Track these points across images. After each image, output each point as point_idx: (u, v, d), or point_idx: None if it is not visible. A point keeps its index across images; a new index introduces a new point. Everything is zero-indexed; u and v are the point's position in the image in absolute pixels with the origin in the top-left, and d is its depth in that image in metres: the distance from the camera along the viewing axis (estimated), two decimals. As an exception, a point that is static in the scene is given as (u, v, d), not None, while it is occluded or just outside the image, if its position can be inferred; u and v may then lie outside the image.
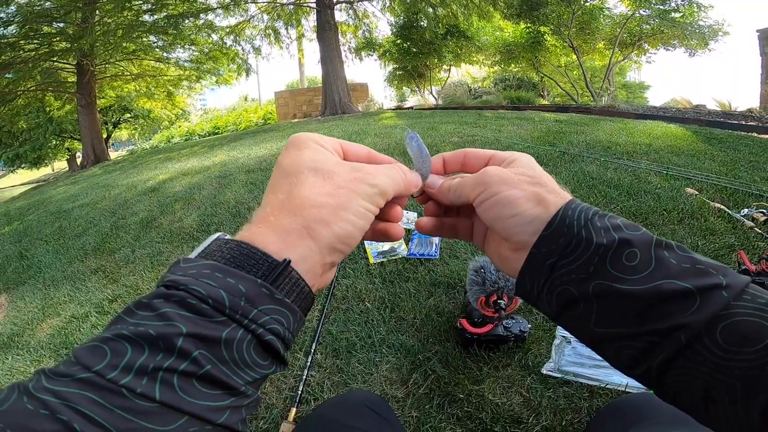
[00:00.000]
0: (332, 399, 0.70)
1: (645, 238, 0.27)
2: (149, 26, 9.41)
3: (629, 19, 8.37)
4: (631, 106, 7.24)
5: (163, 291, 0.23)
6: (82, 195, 4.58)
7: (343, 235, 0.28)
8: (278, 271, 0.25)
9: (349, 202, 0.29)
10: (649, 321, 0.25)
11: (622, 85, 15.17)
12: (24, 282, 2.59)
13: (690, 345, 0.24)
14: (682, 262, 0.26)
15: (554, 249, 0.29)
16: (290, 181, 0.29)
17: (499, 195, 0.32)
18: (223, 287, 0.23)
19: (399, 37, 11.22)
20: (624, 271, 0.26)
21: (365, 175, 0.31)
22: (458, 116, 5.75)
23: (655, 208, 2.00)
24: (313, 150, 0.31)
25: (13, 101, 10.75)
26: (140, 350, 0.21)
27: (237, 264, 0.25)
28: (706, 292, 0.24)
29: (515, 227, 0.31)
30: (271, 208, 0.29)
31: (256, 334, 0.24)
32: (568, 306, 0.29)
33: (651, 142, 3.29)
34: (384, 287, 1.60)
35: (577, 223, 0.28)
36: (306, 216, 0.28)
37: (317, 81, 15.89)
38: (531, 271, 0.30)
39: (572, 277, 0.28)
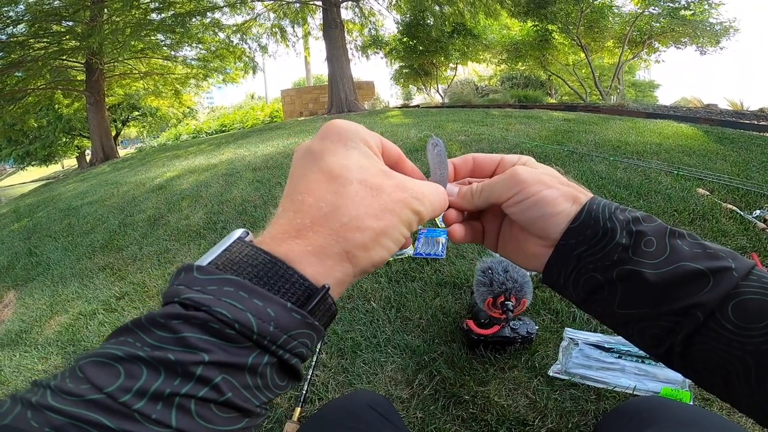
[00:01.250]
0: (336, 399, 0.69)
1: (660, 227, 0.30)
2: (157, 24, 9.48)
3: (638, 17, 8.27)
4: (641, 105, 7.16)
5: (181, 312, 0.21)
6: (90, 192, 4.63)
7: (378, 260, 0.28)
8: (317, 299, 0.24)
9: (391, 228, 0.28)
10: (669, 301, 0.27)
11: (631, 83, 15.01)
12: (33, 279, 2.62)
13: (706, 322, 0.26)
14: (693, 248, 0.29)
15: (582, 240, 0.31)
16: (336, 189, 0.26)
17: (538, 195, 0.32)
18: (251, 310, 0.22)
19: (405, 35, 11.20)
20: (644, 256, 0.28)
21: (412, 198, 0.29)
22: (465, 114, 5.72)
23: (665, 209, 1.97)
24: (362, 153, 0.29)
25: (23, 99, 10.89)
26: (156, 374, 0.20)
27: (265, 282, 0.23)
28: (718, 273, 0.27)
29: (557, 225, 0.32)
30: (311, 220, 0.26)
31: (283, 359, 0.23)
32: (594, 291, 0.31)
33: (661, 142, 3.25)
34: (390, 287, 1.59)
35: (603, 216, 0.30)
36: (349, 239, 0.26)
37: (323, 79, 15.92)
38: (559, 262, 0.32)
39: (598, 264, 0.30)
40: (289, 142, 5.00)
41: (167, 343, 0.20)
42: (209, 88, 14.80)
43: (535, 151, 3.04)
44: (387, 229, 0.27)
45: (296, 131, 6.01)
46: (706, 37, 7.98)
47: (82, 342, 1.74)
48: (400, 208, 0.28)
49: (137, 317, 0.22)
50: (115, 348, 0.20)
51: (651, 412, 0.59)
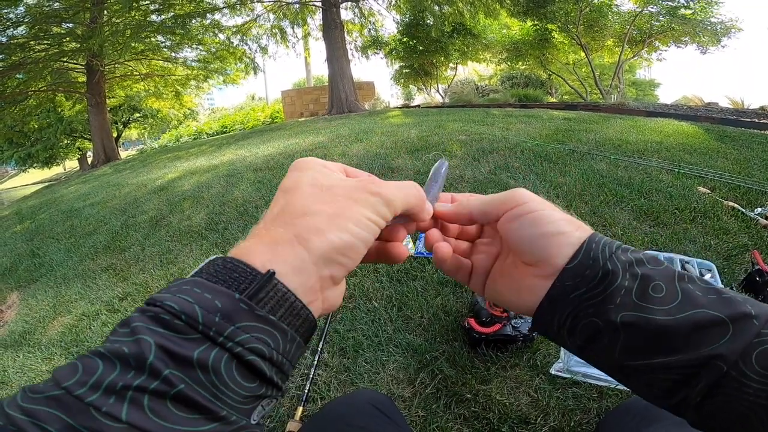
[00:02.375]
0: (339, 398, 0.70)
1: (668, 271, 0.28)
2: (157, 26, 9.48)
3: (638, 16, 8.25)
4: (642, 104, 7.15)
5: (142, 308, 0.22)
6: (92, 194, 4.64)
7: (340, 245, 0.26)
8: (259, 284, 0.23)
9: (349, 210, 0.28)
10: (684, 351, 0.25)
11: (631, 82, 14.98)
12: (36, 280, 2.63)
13: (728, 373, 0.24)
14: (707, 294, 0.26)
15: (580, 282, 0.28)
16: (287, 195, 0.28)
17: (540, 212, 0.31)
18: (199, 302, 0.22)
19: (405, 35, 11.19)
20: (652, 302, 0.26)
21: (369, 183, 0.30)
22: (465, 114, 5.72)
23: (666, 207, 1.97)
24: (316, 170, 0.30)
25: (24, 101, 10.91)
26: (112, 367, 0.20)
27: (219, 279, 0.24)
28: (738, 321, 0.25)
29: (557, 247, 0.29)
30: (264, 222, 0.28)
31: (234, 353, 0.22)
32: (593, 338, 0.28)
33: (662, 140, 3.24)
34: (391, 286, 1.60)
35: (602, 255, 0.28)
36: (298, 224, 0.26)
37: (324, 80, 15.92)
38: (554, 305, 0.29)
39: (599, 309, 0.27)
40: (290, 142, 4.99)
41: (123, 337, 0.21)
42: (210, 89, 14.84)
43: (536, 150, 3.04)
44: (342, 210, 0.27)
45: (297, 132, 6.01)
46: (707, 37, 7.95)
47: (85, 342, 1.74)
48: (357, 193, 0.29)
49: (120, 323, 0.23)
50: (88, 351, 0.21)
51: (654, 409, 0.59)
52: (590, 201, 2.11)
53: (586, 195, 2.19)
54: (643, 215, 1.94)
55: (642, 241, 1.72)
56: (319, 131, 5.54)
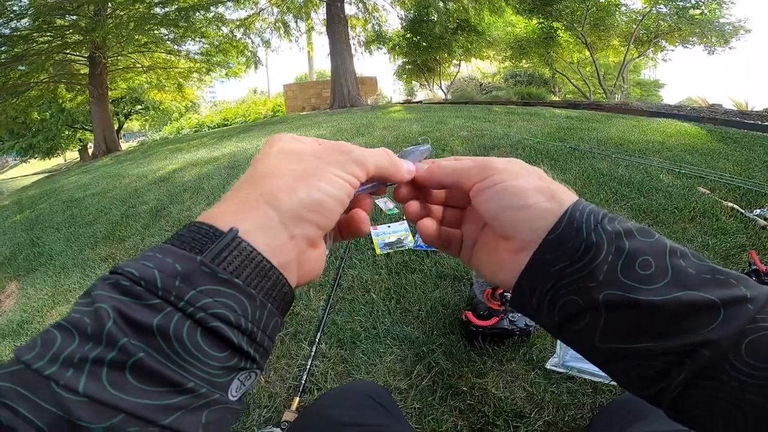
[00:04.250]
0: (335, 389, 0.70)
1: (659, 244, 0.25)
2: (160, 19, 9.45)
3: (646, 16, 8.20)
4: (645, 104, 7.12)
5: (104, 275, 0.21)
6: (93, 184, 4.64)
7: (309, 201, 0.25)
8: (221, 243, 0.22)
9: (318, 169, 0.27)
10: (667, 337, 0.23)
11: (636, 83, 14.91)
12: (35, 269, 2.63)
13: (715, 363, 0.22)
14: (701, 272, 0.24)
15: (561, 255, 0.26)
16: (255, 163, 0.28)
17: (506, 182, 0.29)
18: (158, 267, 0.21)
19: (409, 31, 11.18)
20: (639, 281, 0.24)
21: (339, 144, 0.29)
22: (467, 111, 5.71)
23: (666, 206, 1.97)
24: (288, 141, 0.30)
25: (26, 93, 10.89)
26: (70, 339, 0.19)
27: (184, 243, 0.22)
28: (731, 305, 0.22)
29: (524, 222, 0.28)
30: (234, 189, 0.26)
31: (196, 318, 0.20)
32: (572, 318, 0.26)
33: (664, 140, 3.24)
34: (390, 278, 1.60)
35: (586, 226, 0.26)
36: (265, 184, 0.25)
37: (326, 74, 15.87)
38: (532, 279, 0.27)
39: (579, 286, 0.25)
40: (291, 136, 5.00)
41: (84, 306, 0.20)
42: (212, 82, 14.83)
43: (537, 148, 3.04)
44: (310, 169, 0.27)
45: (298, 125, 6.01)
46: (715, 37, 7.90)
47: None
48: (326, 153, 0.28)
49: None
50: None
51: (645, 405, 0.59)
52: (590, 199, 2.11)
53: (587, 193, 2.19)
54: (642, 214, 1.94)
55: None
56: (320, 125, 5.55)
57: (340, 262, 1.73)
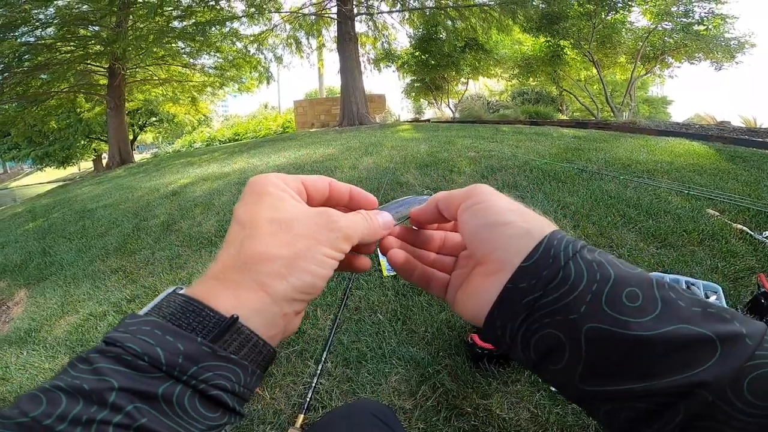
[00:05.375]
0: (340, 407, 0.70)
1: (644, 276, 0.24)
2: (178, 32, 9.72)
3: (651, 33, 8.26)
4: (653, 123, 7.13)
5: (102, 347, 0.23)
6: (106, 195, 4.72)
7: (301, 286, 0.27)
8: (224, 328, 0.24)
9: (308, 251, 0.27)
10: (662, 375, 0.21)
11: (644, 99, 14.92)
12: (45, 278, 2.67)
13: (714, 404, 0.20)
14: (692, 305, 0.22)
15: (535, 284, 0.24)
16: (244, 233, 0.28)
17: (488, 201, 0.30)
18: (160, 345, 0.23)
19: (417, 49, 11.33)
20: (626, 314, 0.22)
21: (327, 220, 0.29)
22: (475, 130, 5.75)
23: (674, 229, 1.96)
24: (273, 196, 0.29)
25: (45, 101, 11.20)
26: (74, 402, 0.21)
27: (180, 321, 0.25)
28: (728, 341, 0.21)
29: (500, 238, 0.27)
30: (222, 264, 0.27)
31: (198, 389, 0.23)
32: (550, 354, 0.24)
33: (672, 161, 3.23)
34: (396, 300, 1.61)
35: (564, 254, 0.25)
36: (259, 271, 0.26)
37: (335, 91, 16.10)
38: (504, 310, 0.26)
39: (557, 318, 0.24)
40: (301, 153, 5.06)
41: (84, 374, 0.22)
42: (225, 96, 15.12)
43: (544, 169, 3.05)
44: (303, 252, 0.27)
45: (308, 143, 6.07)
46: (720, 52, 7.92)
47: (91, 342, 1.76)
48: (316, 231, 0.28)
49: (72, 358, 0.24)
50: (46, 383, 0.22)
51: None
52: (598, 222, 2.11)
53: (594, 215, 2.19)
54: (650, 237, 1.93)
55: (648, 262, 1.71)
56: (329, 143, 5.60)
57: (347, 283, 1.74)
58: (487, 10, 9.30)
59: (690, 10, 7.66)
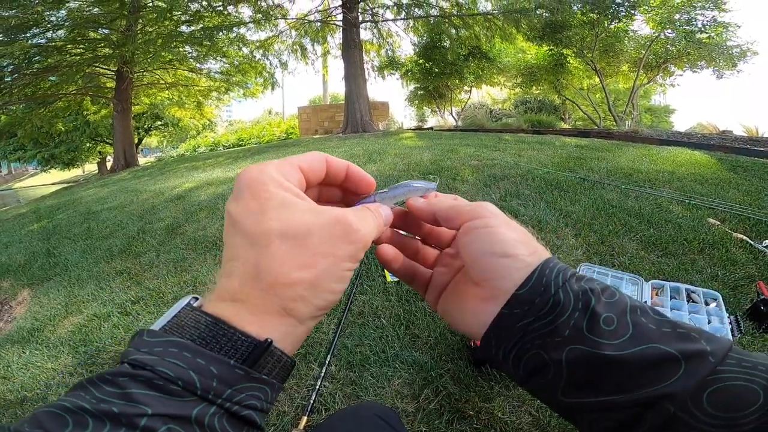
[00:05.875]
0: (345, 409, 0.71)
1: (621, 303, 0.26)
2: (186, 37, 9.84)
3: (654, 41, 8.30)
4: (655, 132, 7.15)
5: (128, 370, 0.23)
6: (111, 198, 4.76)
7: (325, 304, 0.27)
8: (260, 353, 0.25)
9: (330, 270, 0.27)
10: (630, 389, 0.24)
11: (646, 108, 14.96)
12: (49, 278, 2.68)
13: (676, 415, 0.23)
14: (662, 327, 0.25)
15: (528, 310, 0.27)
16: (257, 251, 0.26)
17: (496, 228, 0.30)
18: (193, 368, 0.23)
19: (421, 57, 11.41)
20: (602, 336, 0.25)
21: (346, 230, 0.28)
22: (478, 139, 5.77)
23: (675, 238, 1.98)
24: (279, 200, 0.27)
25: (53, 103, 11.33)
26: (101, 425, 0.21)
27: (210, 343, 0.24)
28: (692, 358, 0.24)
29: (503, 269, 0.28)
30: (240, 282, 0.26)
31: (231, 411, 0.23)
32: (537, 372, 0.27)
33: (674, 170, 3.25)
34: (400, 305, 1.63)
35: (555, 283, 0.27)
36: (282, 296, 0.26)
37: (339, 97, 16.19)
38: (499, 332, 0.28)
39: (546, 340, 0.26)
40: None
41: (113, 397, 0.22)
42: (230, 101, 15.24)
43: (547, 178, 3.07)
44: (323, 273, 0.26)
45: (311, 149, 6.03)
46: (722, 60, 7.93)
47: (94, 343, 1.77)
48: (335, 246, 0.27)
49: (91, 376, 0.23)
50: (66, 401, 0.21)
51: None
52: (599, 230, 2.13)
53: (596, 224, 2.20)
54: (651, 245, 1.95)
55: (649, 270, 1.73)
56: (333, 149, 5.63)
57: (351, 288, 1.76)
58: (490, 19, 9.37)
59: (693, 18, 7.67)
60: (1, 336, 2.13)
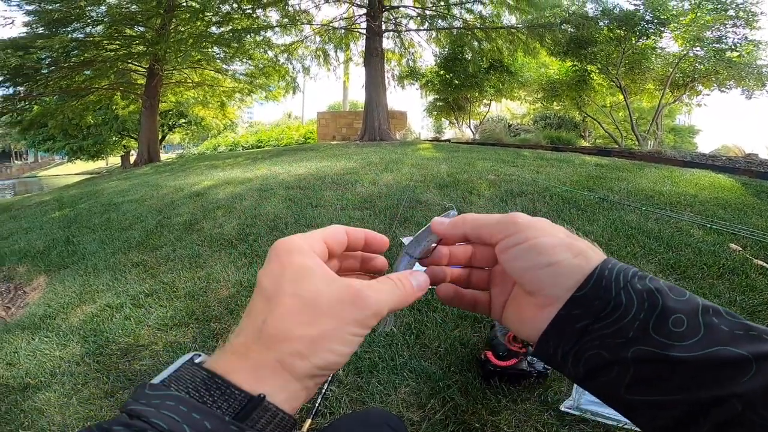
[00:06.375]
0: (352, 414, 0.71)
1: (692, 303, 0.26)
2: (216, 38, 10.08)
3: (682, 59, 8.12)
4: (679, 153, 7.01)
5: (125, 419, 0.23)
6: (132, 191, 4.86)
7: (323, 365, 0.27)
8: (251, 407, 0.25)
9: (333, 331, 0.27)
10: (697, 389, 0.24)
11: (670, 128, 14.65)
12: (66, 266, 2.73)
13: (744, 413, 0.22)
14: (734, 329, 0.25)
15: (587, 312, 0.27)
16: (268, 307, 0.27)
17: (533, 240, 0.30)
18: (187, 423, 0.23)
19: (442, 68, 11.42)
20: (670, 337, 0.25)
21: (355, 297, 0.28)
22: (495, 153, 5.74)
23: (694, 262, 1.93)
24: (297, 266, 0.28)
25: (85, 97, 11.71)
26: None
27: (204, 397, 0.25)
28: (763, 360, 0.23)
29: (550, 278, 0.29)
30: (244, 337, 0.27)
31: None
32: (597, 371, 0.27)
33: (697, 193, 3.18)
34: (411, 314, 1.62)
35: (615, 284, 0.27)
36: (280, 350, 0.26)
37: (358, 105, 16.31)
38: (557, 334, 0.29)
39: (607, 341, 0.26)
40: (322, 164, 5.12)
41: None
42: (252, 103, 15.50)
43: (565, 196, 3.03)
44: (326, 333, 0.27)
45: (329, 155, 6.14)
46: (752, 80, 7.68)
47: (104, 333, 1.79)
48: (343, 309, 0.28)
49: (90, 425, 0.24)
50: None
51: None
52: (617, 251, 2.09)
53: (613, 245, 2.17)
54: (669, 269, 1.91)
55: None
56: (350, 156, 5.67)
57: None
58: (514, 33, 9.36)
59: (723, 36, 7.44)
60: (12, 321, 2.18)
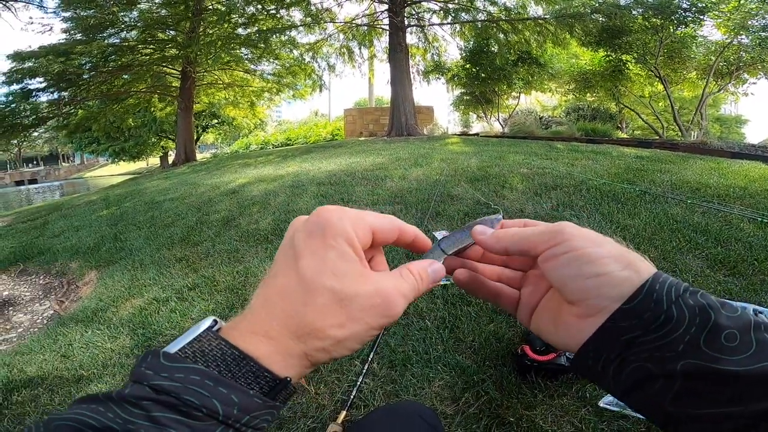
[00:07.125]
0: (386, 406, 0.72)
1: (744, 319, 0.25)
2: (243, 39, 10.39)
3: (726, 47, 7.66)
4: (726, 144, 6.61)
5: (152, 395, 0.24)
6: (172, 190, 5.09)
7: (339, 357, 0.30)
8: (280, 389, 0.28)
9: (356, 334, 0.29)
10: (748, 401, 0.23)
11: (715, 118, 13.85)
12: (115, 262, 2.90)
13: None
14: None
15: (636, 324, 0.27)
16: (306, 300, 0.28)
17: (582, 250, 0.29)
18: (216, 397, 0.25)
19: (468, 62, 11.23)
20: (722, 351, 0.24)
21: (386, 306, 0.30)
22: (527, 146, 5.60)
23: (745, 257, 1.83)
24: (340, 254, 0.29)
25: (125, 100, 12.36)
26: None
27: (236, 375, 0.26)
28: None
29: (597, 289, 0.28)
30: (278, 323, 0.28)
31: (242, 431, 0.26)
32: (641, 384, 0.27)
33: (747, 185, 2.99)
34: (445, 308, 1.63)
35: (667, 298, 0.26)
36: (309, 344, 0.28)
37: (384, 101, 16.29)
38: (600, 345, 0.28)
39: (655, 354, 0.26)
40: (351, 160, 5.18)
41: (139, 419, 0.23)
42: (280, 102, 15.83)
43: (603, 189, 2.92)
44: (351, 336, 0.29)
45: (356, 151, 6.19)
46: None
47: (152, 326, 1.89)
48: (372, 317, 0.29)
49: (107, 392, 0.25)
50: (88, 416, 0.23)
51: None
52: (661, 246, 2.01)
53: (657, 240, 2.08)
54: (718, 264, 1.82)
55: (715, 289, 1.61)
56: (379, 152, 5.69)
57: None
58: (542, 24, 9.07)
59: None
60: (66, 314, 2.31)
